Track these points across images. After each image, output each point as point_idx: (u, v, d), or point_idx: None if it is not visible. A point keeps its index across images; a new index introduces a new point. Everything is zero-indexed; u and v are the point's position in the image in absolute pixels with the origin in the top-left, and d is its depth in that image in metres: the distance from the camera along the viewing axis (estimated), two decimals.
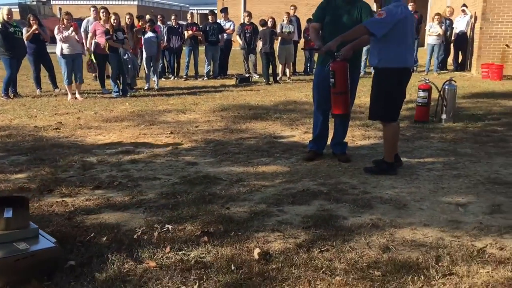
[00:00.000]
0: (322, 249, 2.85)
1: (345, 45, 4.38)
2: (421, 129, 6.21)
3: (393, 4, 4.21)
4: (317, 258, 2.74)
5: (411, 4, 13.48)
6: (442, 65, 13.74)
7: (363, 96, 9.04)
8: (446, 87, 6.55)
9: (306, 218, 3.33)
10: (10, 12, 8.81)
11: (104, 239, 3.00)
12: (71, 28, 8.53)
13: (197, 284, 2.49)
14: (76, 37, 8.67)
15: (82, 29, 10.21)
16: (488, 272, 2.59)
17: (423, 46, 13.92)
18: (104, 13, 9.34)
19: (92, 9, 10.86)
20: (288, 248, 2.88)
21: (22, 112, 7.46)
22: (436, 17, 12.81)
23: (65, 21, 8.58)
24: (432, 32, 12.77)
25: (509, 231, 3.12)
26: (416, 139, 5.76)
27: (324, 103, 4.76)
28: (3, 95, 8.76)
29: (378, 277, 2.53)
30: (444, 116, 6.52)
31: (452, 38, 13.44)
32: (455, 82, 6.76)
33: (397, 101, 4.40)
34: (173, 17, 12.37)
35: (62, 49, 8.57)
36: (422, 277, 2.52)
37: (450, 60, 14.21)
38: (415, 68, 13.61)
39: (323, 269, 2.62)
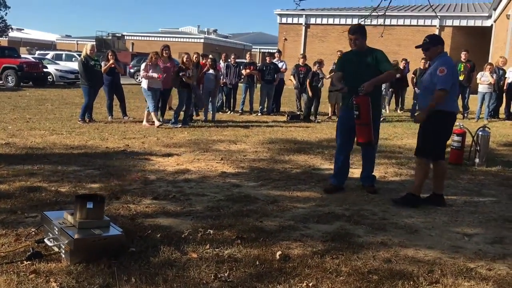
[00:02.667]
0: (333, 257, 3.44)
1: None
2: (453, 171, 6.60)
3: (444, 57, 4.87)
4: (327, 262, 3.33)
5: (464, 53, 13.88)
6: (494, 113, 13.88)
7: (405, 138, 9.52)
8: (480, 133, 6.94)
9: (326, 234, 3.92)
10: (93, 48, 10.15)
11: (158, 235, 3.73)
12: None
13: (227, 272, 3.14)
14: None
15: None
16: (471, 285, 3.08)
17: (474, 94, 14.13)
18: (166, 51, 10.49)
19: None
20: (305, 254, 3.48)
21: (95, 134, 8.53)
22: (488, 66, 13.08)
23: (153, 58, 9.83)
24: (483, 80, 13.02)
25: (502, 258, 3.56)
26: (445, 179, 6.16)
27: (346, 144, 5.36)
28: (80, 119, 9.96)
29: (374, 280, 3.09)
30: (477, 160, 6.89)
31: (505, 88, 13.59)
32: (489, 129, 7.13)
33: (444, 141, 4.96)
34: (232, 56, 13.43)
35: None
36: (411, 283, 3.05)
37: (502, 109, 14.29)
38: (466, 115, 13.86)
39: (330, 271, 3.20)
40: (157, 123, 9.75)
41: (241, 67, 13.47)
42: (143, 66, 9.97)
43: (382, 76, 5.17)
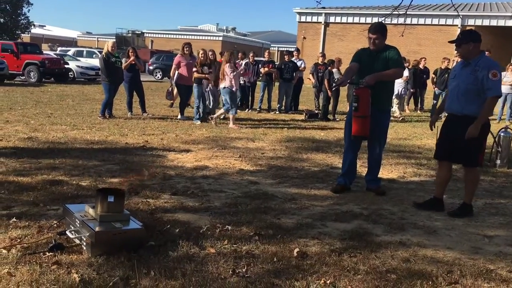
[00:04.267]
0: (351, 255, 3.43)
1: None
2: None
3: (488, 58, 4.59)
4: (345, 260, 3.33)
5: (487, 53, 13.64)
6: None
7: (425, 138, 9.43)
8: (502, 134, 6.85)
9: (344, 232, 3.92)
10: (114, 45, 10.28)
11: (177, 230, 3.77)
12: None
13: (245, 268, 3.16)
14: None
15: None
16: (490, 286, 3.04)
17: None
18: (187, 48, 10.58)
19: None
20: (323, 252, 3.48)
21: (115, 130, 8.64)
22: (511, 67, 12.87)
23: (231, 57, 10.03)
24: (506, 81, 12.80)
25: None
26: None
27: (353, 143, 5.28)
28: (100, 115, 10.09)
29: (393, 279, 3.07)
30: (498, 161, 6.79)
31: None
32: (511, 130, 7.02)
33: None
34: (251, 54, 13.46)
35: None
36: (430, 283, 3.03)
37: None
38: None
39: (348, 269, 3.20)
40: (232, 125, 9.75)
41: (260, 65, 13.48)
42: (228, 66, 9.67)
43: (388, 72, 5.03)
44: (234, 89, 9.73)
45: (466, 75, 4.52)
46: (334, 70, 11.96)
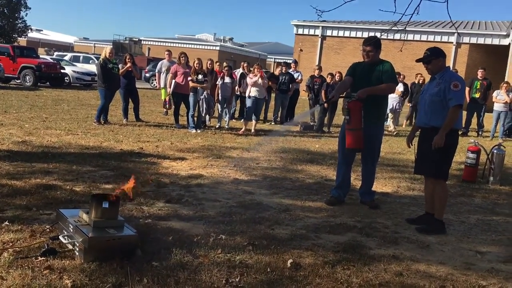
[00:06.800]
0: (345, 267, 3.43)
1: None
2: (466, 188, 6.57)
3: (451, 71, 4.76)
4: (339, 273, 3.33)
5: (481, 70, 13.82)
6: (509, 132, 13.75)
7: None
8: (495, 151, 6.90)
9: (338, 244, 3.92)
10: (112, 51, 10.28)
11: (171, 238, 3.75)
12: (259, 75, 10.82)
13: (239, 277, 3.15)
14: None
15: (156, 70, 12.29)
16: None
17: (490, 112, 14.04)
18: (183, 58, 10.64)
19: (166, 52, 13.05)
20: (316, 263, 3.48)
21: (110, 136, 8.62)
22: (504, 85, 13.00)
23: (256, 70, 10.81)
24: (499, 99, 12.95)
25: None
26: (458, 195, 6.14)
27: (347, 156, 5.32)
28: (95, 121, 10.06)
29: None
30: (491, 178, 6.84)
31: None
32: (504, 147, 7.09)
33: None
34: (245, 64, 13.48)
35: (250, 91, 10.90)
36: None
37: None
38: (480, 133, 13.77)
39: (341, 281, 3.20)
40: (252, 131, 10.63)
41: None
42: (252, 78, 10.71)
43: (380, 87, 5.08)
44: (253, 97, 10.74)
45: (432, 89, 4.67)
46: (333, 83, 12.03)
